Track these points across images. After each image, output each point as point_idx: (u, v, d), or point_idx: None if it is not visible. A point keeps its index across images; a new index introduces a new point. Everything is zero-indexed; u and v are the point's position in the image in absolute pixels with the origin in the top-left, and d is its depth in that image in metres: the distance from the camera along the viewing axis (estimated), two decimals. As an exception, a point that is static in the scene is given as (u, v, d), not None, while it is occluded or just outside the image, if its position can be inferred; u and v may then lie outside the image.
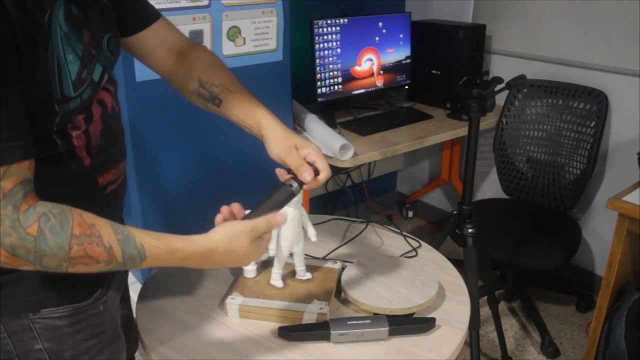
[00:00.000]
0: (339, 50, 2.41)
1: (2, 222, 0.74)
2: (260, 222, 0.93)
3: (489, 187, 2.89)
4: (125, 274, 1.12)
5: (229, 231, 0.91)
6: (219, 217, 0.97)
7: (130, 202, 1.80)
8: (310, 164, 1.03)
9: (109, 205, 0.99)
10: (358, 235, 1.46)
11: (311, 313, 1.11)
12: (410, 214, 3.29)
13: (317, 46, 2.33)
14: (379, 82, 2.60)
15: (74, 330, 0.94)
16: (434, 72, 2.63)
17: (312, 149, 1.04)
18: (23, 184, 0.76)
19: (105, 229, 0.82)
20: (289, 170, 1.04)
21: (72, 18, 0.85)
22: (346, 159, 2.01)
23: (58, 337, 0.93)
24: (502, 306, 2.51)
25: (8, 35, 0.74)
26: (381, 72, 2.59)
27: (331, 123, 2.30)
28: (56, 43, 0.82)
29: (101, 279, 0.98)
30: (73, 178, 0.91)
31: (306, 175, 1.01)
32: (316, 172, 1.03)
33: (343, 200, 3.10)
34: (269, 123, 1.06)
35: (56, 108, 0.84)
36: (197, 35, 1.78)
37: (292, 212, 1.14)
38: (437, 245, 1.68)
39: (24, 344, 0.92)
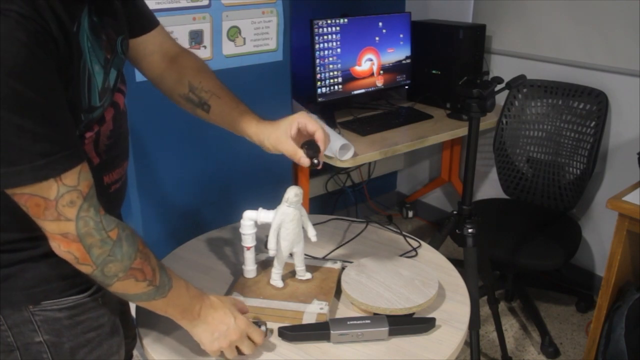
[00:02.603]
0: (339, 50, 2.41)
1: (86, 223, 0.81)
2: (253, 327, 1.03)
3: (489, 187, 2.89)
4: None
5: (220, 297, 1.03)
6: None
7: (131, 202, 1.80)
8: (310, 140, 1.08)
9: (112, 204, 1.00)
10: (358, 235, 1.46)
11: (311, 313, 1.11)
12: (410, 214, 3.29)
13: (317, 46, 2.33)
14: (379, 82, 2.60)
15: (73, 322, 0.95)
16: (434, 72, 2.63)
17: (300, 120, 1.07)
18: (93, 189, 0.82)
19: (151, 253, 0.91)
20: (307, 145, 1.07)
21: (94, 26, 0.86)
22: (346, 159, 2.01)
23: (58, 330, 0.94)
24: (502, 306, 2.51)
25: (55, 53, 0.76)
26: (381, 72, 2.59)
27: (331, 123, 2.30)
28: (85, 54, 0.84)
29: None
30: None
31: (303, 160, 1.06)
32: (316, 150, 1.06)
33: (343, 200, 3.10)
34: (258, 125, 1.10)
35: (82, 117, 0.87)
36: (197, 35, 1.78)
37: (292, 212, 1.13)
38: (437, 245, 1.68)
39: (24, 337, 0.92)
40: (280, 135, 1.07)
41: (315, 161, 1.05)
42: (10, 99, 0.70)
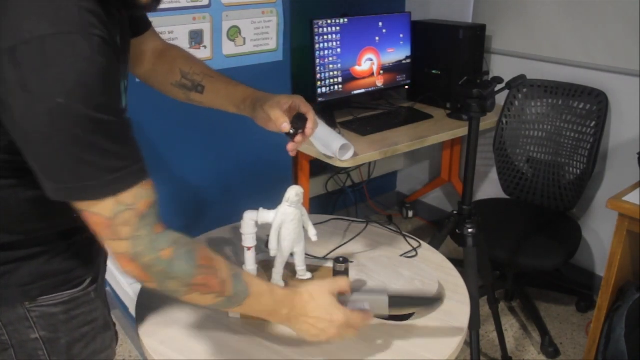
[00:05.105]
0: (339, 50, 2.41)
1: (140, 242, 0.81)
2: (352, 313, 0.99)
3: (489, 187, 2.89)
4: (105, 267, 1.13)
5: (318, 284, 1.00)
6: None
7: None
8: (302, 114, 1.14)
9: None
10: (358, 235, 1.46)
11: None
12: (411, 214, 3.29)
13: (317, 46, 2.33)
14: (379, 82, 2.60)
15: (69, 317, 0.96)
16: (434, 72, 2.63)
17: (295, 100, 1.14)
18: (153, 207, 0.82)
19: (221, 264, 0.90)
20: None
21: (123, 45, 0.89)
22: (346, 159, 2.01)
23: (53, 325, 0.94)
24: (502, 306, 2.51)
25: (119, 72, 0.79)
26: (381, 72, 2.59)
27: (331, 123, 2.30)
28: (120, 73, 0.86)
29: (91, 268, 1.00)
30: None
31: (285, 125, 1.11)
32: (303, 122, 1.13)
33: (343, 200, 3.10)
34: (255, 91, 1.16)
35: None
36: (197, 35, 1.78)
37: (293, 212, 1.14)
38: (437, 245, 1.68)
39: (19, 334, 0.93)
40: (275, 103, 1.12)
41: (292, 131, 1.11)
42: (88, 118, 0.72)
